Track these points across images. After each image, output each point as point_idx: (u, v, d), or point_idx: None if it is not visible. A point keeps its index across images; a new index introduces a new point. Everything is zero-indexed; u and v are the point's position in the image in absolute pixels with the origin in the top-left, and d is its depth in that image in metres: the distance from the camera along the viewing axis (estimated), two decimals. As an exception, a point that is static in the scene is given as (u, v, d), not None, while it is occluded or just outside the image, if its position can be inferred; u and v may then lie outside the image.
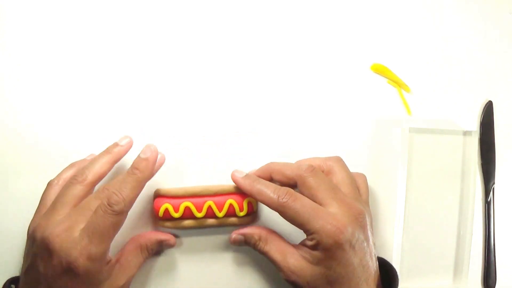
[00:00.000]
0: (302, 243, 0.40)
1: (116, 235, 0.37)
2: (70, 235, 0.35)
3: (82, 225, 0.36)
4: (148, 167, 0.39)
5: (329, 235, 0.37)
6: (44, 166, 0.44)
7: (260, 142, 0.47)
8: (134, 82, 0.46)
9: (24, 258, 0.39)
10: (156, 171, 0.42)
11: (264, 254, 0.42)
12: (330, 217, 0.38)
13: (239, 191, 0.43)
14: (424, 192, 0.48)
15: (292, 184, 0.41)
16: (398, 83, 0.49)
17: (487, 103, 0.51)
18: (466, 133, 0.49)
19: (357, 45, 0.49)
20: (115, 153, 0.42)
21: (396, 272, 0.41)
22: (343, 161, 0.43)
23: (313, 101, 0.48)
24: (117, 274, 0.39)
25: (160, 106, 0.46)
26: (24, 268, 0.38)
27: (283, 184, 0.41)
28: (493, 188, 0.50)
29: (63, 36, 0.46)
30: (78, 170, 0.40)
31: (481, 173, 0.50)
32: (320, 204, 0.39)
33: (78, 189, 0.39)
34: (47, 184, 0.41)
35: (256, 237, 0.42)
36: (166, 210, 0.42)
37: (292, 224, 0.39)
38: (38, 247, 0.36)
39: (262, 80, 0.47)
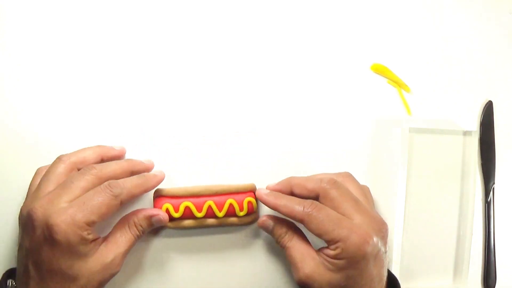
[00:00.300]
0: (325, 252, 0.39)
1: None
2: (54, 205, 0.36)
3: (66, 197, 0.37)
4: (154, 181, 0.41)
5: (355, 244, 0.37)
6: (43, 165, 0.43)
7: (260, 142, 0.47)
8: (134, 83, 0.46)
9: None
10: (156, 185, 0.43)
11: (285, 249, 0.42)
12: (355, 227, 0.38)
13: (239, 190, 0.43)
14: (424, 192, 0.48)
15: (313, 197, 0.41)
16: (398, 83, 0.49)
17: (487, 103, 0.51)
18: (466, 133, 0.49)
19: (357, 45, 0.49)
20: (102, 146, 0.43)
21: (398, 282, 0.42)
22: (353, 176, 0.44)
23: (313, 101, 0.48)
24: (103, 250, 0.38)
25: (160, 106, 0.46)
26: (18, 251, 0.39)
27: (303, 197, 0.41)
28: (493, 188, 0.50)
29: (63, 36, 0.46)
30: (64, 154, 0.41)
31: (481, 173, 0.50)
32: (344, 215, 0.39)
33: (61, 167, 0.40)
34: (36, 172, 0.42)
35: (284, 230, 0.42)
36: (167, 210, 0.42)
37: (317, 234, 0.39)
38: (24, 224, 0.37)
39: (262, 80, 0.47)
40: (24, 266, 0.37)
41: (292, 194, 0.42)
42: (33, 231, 0.36)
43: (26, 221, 0.37)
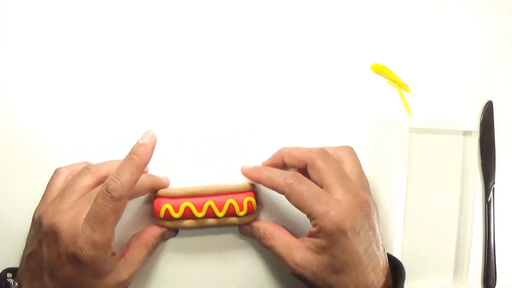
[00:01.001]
0: (307, 234, 0.39)
1: (118, 235, 0.37)
2: (76, 224, 0.35)
3: (85, 215, 0.36)
4: (146, 153, 0.38)
5: (332, 221, 0.37)
6: (43, 166, 0.43)
7: (260, 142, 0.47)
8: (134, 83, 0.46)
9: (27, 243, 0.39)
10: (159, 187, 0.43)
11: (269, 249, 0.42)
12: (334, 203, 0.38)
13: (238, 190, 0.43)
14: (424, 192, 0.48)
15: (303, 168, 0.41)
16: (398, 83, 0.49)
17: (487, 103, 0.51)
18: (466, 133, 0.49)
19: (357, 45, 0.49)
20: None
21: (401, 264, 0.41)
22: (354, 151, 0.44)
23: (313, 101, 0.48)
24: (121, 268, 0.39)
25: (160, 106, 0.46)
26: (26, 253, 0.38)
27: (293, 167, 0.42)
28: (493, 188, 0.50)
29: (63, 36, 0.46)
30: (92, 164, 0.41)
31: (481, 173, 0.50)
32: (327, 189, 0.39)
33: (88, 179, 0.39)
34: (54, 171, 0.42)
35: (261, 231, 0.42)
36: (167, 211, 0.42)
37: (297, 207, 0.39)
38: (44, 234, 0.36)
39: (262, 80, 0.47)
40: (38, 274, 0.37)
41: (283, 164, 0.43)
42: (57, 246, 0.35)
43: (48, 232, 0.36)
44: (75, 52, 0.45)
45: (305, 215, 0.39)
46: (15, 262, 0.40)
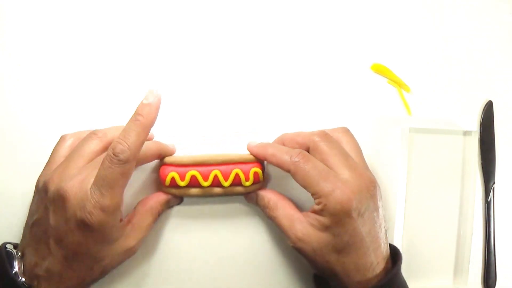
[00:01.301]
0: (311, 210, 0.39)
1: (125, 203, 0.37)
2: (85, 188, 0.35)
3: (93, 179, 0.35)
4: (151, 112, 0.37)
5: (337, 201, 0.36)
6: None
7: (260, 142, 0.47)
8: (134, 83, 0.46)
9: (30, 212, 0.38)
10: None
11: (272, 219, 0.42)
12: (340, 182, 0.37)
13: (245, 161, 0.43)
14: (424, 192, 0.48)
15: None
16: (398, 83, 0.49)
17: (487, 103, 0.51)
18: (466, 133, 0.49)
19: (357, 45, 0.49)
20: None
21: (398, 250, 0.41)
22: (351, 132, 0.43)
23: (313, 101, 0.48)
24: (128, 234, 0.38)
25: (160, 107, 0.46)
26: (31, 222, 0.37)
27: None
28: (493, 188, 0.50)
29: (63, 36, 0.46)
30: (98, 129, 0.40)
31: (481, 173, 0.50)
32: (331, 170, 0.38)
33: (95, 144, 0.39)
34: (60, 138, 0.41)
35: (266, 201, 0.42)
36: (173, 179, 0.41)
37: (302, 185, 0.38)
38: (51, 199, 0.36)
39: (262, 80, 0.47)
40: (43, 242, 0.36)
41: None
42: (64, 211, 0.35)
43: (55, 197, 0.35)
44: (75, 52, 0.45)
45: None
46: (16, 233, 0.40)
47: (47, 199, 0.36)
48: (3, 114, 0.44)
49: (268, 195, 0.42)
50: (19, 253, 0.37)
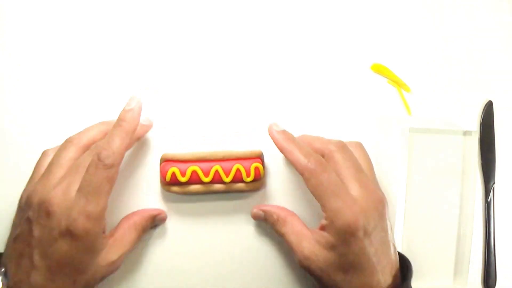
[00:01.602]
0: (319, 226, 0.39)
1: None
2: (68, 196, 0.35)
3: (77, 185, 0.35)
4: (134, 118, 0.39)
5: (345, 219, 0.36)
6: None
7: (260, 142, 0.47)
8: (134, 83, 0.46)
9: (12, 228, 0.38)
10: (144, 133, 0.43)
11: (280, 235, 0.41)
12: (350, 200, 0.37)
13: (246, 156, 0.43)
14: (424, 192, 0.48)
15: None
16: (398, 83, 0.49)
17: (487, 103, 0.51)
18: (466, 133, 0.49)
19: (357, 45, 0.49)
20: (105, 122, 0.42)
21: (409, 263, 0.41)
22: (364, 147, 0.43)
23: (313, 101, 0.48)
24: (110, 248, 0.38)
25: (160, 106, 0.46)
26: (12, 237, 0.37)
27: None
28: (493, 188, 0.50)
29: (63, 36, 0.46)
30: (71, 136, 0.40)
31: (481, 173, 0.50)
32: (342, 182, 0.38)
33: (72, 151, 0.39)
34: (42, 153, 0.41)
35: (275, 217, 0.42)
36: (173, 174, 0.41)
37: (312, 193, 0.38)
38: (35, 211, 0.36)
39: (262, 80, 0.48)
40: (26, 255, 0.36)
41: None
42: (49, 221, 0.35)
43: (39, 209, 0.35)
44: (75, 52, 0.46)
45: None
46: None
47: (31, 212, 0.36)
48: None
49: (276, 212, 0.42)
50: (3, 269, 0.37)
